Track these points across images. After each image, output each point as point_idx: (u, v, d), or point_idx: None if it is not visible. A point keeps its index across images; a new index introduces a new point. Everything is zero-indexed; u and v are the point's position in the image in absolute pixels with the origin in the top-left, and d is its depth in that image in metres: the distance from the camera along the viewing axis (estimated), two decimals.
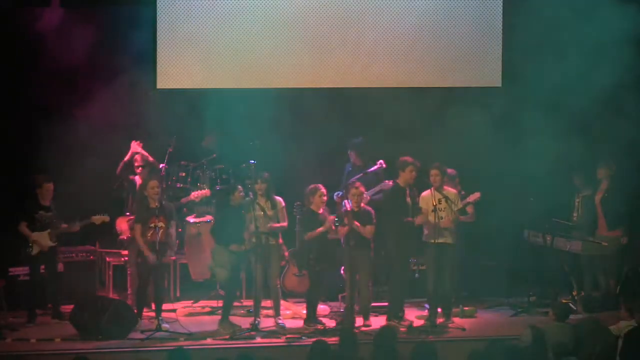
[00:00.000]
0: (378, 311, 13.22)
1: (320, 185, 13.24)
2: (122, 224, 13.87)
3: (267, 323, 12.92)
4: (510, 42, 14.64)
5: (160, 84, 14.34)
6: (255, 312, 12.77)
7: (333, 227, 13.05)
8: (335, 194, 13.71)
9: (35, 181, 13.15)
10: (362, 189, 12.92)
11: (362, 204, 12.90)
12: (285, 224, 13.06)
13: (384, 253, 13.21)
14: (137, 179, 13.77)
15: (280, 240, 13.09)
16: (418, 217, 12.90)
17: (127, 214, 13.82)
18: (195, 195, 13.88)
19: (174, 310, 13.15)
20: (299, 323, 12.98)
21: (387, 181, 13.47)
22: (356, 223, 12.72)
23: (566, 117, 14.53)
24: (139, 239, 12.74)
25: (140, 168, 13.78)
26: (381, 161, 13.95)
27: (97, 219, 13.20)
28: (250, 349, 11.85)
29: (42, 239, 13.05)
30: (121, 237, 13.91)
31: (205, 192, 13.92)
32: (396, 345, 9.56)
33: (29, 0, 14.41)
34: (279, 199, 13.08)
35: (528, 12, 14.43)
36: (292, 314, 13.34)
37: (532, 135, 14.55)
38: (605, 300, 13.27)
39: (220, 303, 13.22)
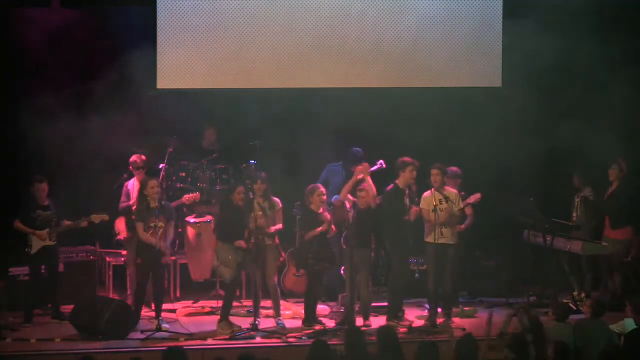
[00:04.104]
0: (378, 311, 13.22)
1: (319, 185, 13.26)
2: (121, 224, 13.86)
3: (267, 323, 12.92)
4: (510, 42, 14.63)
5: (160, 84, 14.34)
6: (255, 312, 12.77)
7: (334, 228, 13.06)
8: (333, 198, 13.70)
9: (29, 181, 13.15)
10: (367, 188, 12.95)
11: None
12: (280, 226, 13.06)
13: (384, 253, 13.20)
14: (131, 185, 13.74)
15: (277, 241, 13.09)
16: (412, 211, 12.84)
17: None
18: (187, 198, 13.86)
19: (174, 310, 13.14)
20: (299, 323, 12.97)
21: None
22: (369, 179, 12.63)
23: (567, 116, 14.57)
24: (142, 234, 12.71)
25: (139, 169, 13.75)
26: (381, 161, 13.95)
27: (97, 217, 13.19)
28: (250, 349, 11.84)
29: (41, 236, 13.04)
30: (118, 237, 13.90)
31: (196, 195, 13.90)
32: (399, 345, 9.58)
33: (29, 0, 14.41)
34: (276, 199, 13.09)
35: (528, 11, 14.44)
36: (292, 314, 13.34)
37: (532, 135, 14.58)
38: (609, 300, 13.25)
39: (220, 303, 13.23)
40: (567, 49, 14.41)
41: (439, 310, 12.99)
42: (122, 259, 13.88)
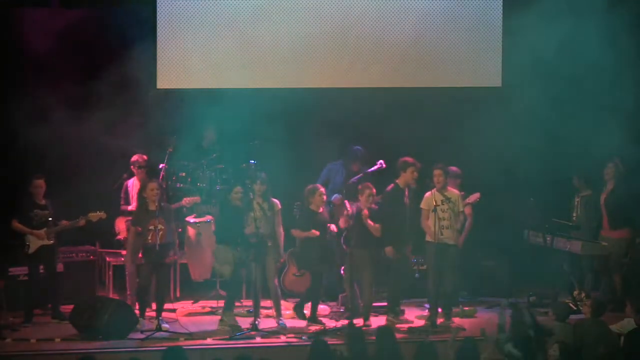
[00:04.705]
0: (378, 311, 13.22)
1: (319, 185, 13.27)
2: (121, 224, 13.86)
3: (267, 323, 12.92)
4: (510, 42, 14.64)
5: (160, 84, 14.35)
6: (255, 312, 12.77)
7: (334, 228, 13.05)
8: (333, 197, 13.72)
9: (27, 180, 13.17)
10: (373, 190, 12.94)
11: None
12: (282, 229, 13.07)
13: (384, 253, 13.20)
14: (131, 184, 13.74)
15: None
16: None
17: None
18: (186, 201, 13.88)
19: (174, 310, 13.14)
20: (299, 323, 12.97)
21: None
22: (370, 222, 12.72)
23: (567, 116, 14.58)
24: (130, 242, 12.75)
25: (140, 169, 13.74)
26: (381, 161, 13.96)
27: (94, 215, 13.19)
28: (250, 349, 11.84)
29: (38, 236, 13.04)
30: (118, 237, 13.90)
31: (196, 198, 13.94)
32: (397, 345, 9.59)
33: (29, 0, 14.42)
34: (275, 201, 13.09)
35: (528, 11, 14.44)
36: (292, 314, 13.33)
37: (532, 134, 14.58)
38: (609, 301, 13.24)
39: (220, 303, 13.24)
40: (568, 48, 14.42)
41: (439, 310, 12.98)
42: (122, 259, 13.86)
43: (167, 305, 13.23)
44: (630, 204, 13.74)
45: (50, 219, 13.10)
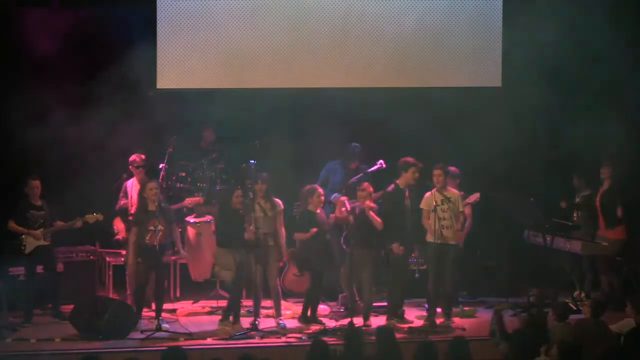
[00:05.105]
0: (378, 311, 13.21)
1: (317, 186, 13.26)
2: (119, 224, 13.85)
3: (267, 323, 12.92)
4: (510, 42, 14.64)
5: (160, 84, 14.35)
6: (255, 312, 12.77)
7: (333, 216, 13.05)
8: (332, 196, 13.72)
9: (22, 180, 13.17)
10: (370, 189, 12.93)
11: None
12: (283, 229, 13.05)
13: (384, 253, 13.20)
14: (130, 184, 13.74)
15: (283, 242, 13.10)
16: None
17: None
18: (188, 201, 13.89)
19: (174, 311, 13.14)
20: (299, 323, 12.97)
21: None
22: (372, 214, 12.72)
23: (567, 116, 14.58)
24: (132, 243, 12.77)
25: (138, 168, 13.73)
26: (381, 161, 13.95)
27: (91, 217, 13.19)
28: (250, 349, 11.84)
29: (35, 236, 13.03)
30: (117, 237, 13.89)
31: (199, 199, 13.94)
32: (398, 345, 9.59)
33: (29, 0, 14.42)
34: (278, 201, 13.07)
35: (528, 11, 14.45)
36: (292, 314, 13.34)
37: (532, 134, 14.58)
38: (608, 300, 13.23)
39: (220, 303, 13.23)
40: (568, 48, 14.42)
41: (439, 310, 12.98)
42: (122, 259, 13.86)
43: (167, 305, 13.25)
44: (625, 204, 13.73)
45: (46, 219, 13.10)
